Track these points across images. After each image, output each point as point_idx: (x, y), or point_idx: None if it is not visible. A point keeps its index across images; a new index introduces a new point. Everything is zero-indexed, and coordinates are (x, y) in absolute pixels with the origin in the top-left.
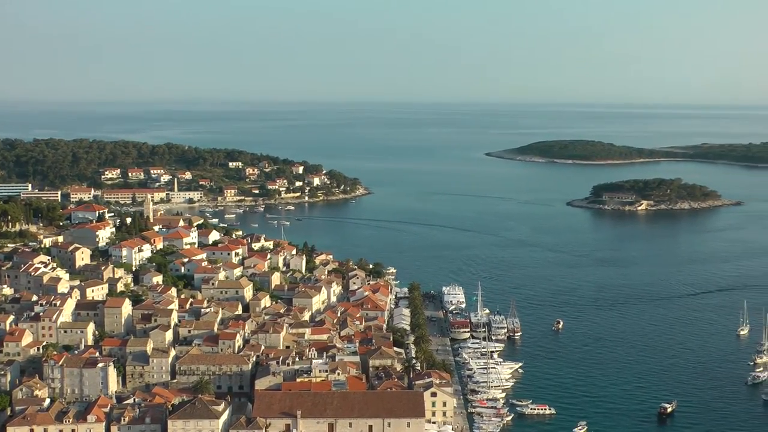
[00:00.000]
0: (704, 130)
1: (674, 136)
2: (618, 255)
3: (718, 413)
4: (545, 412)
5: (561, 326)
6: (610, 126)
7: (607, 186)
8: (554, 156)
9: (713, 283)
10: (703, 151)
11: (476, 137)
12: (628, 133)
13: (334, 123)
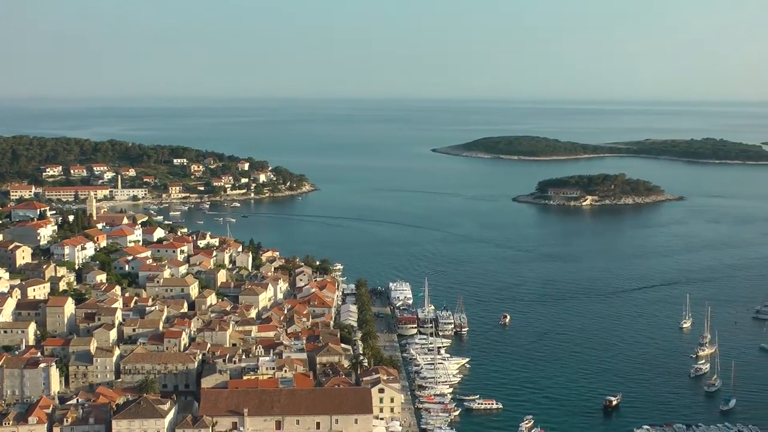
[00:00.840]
0: (648, 126)
1: (619, 131)
2: (563, 250)
3: (662, 405)
4: (492, 406)
5: (508, 320)
6: (555, 122)
7: (553, 182)
8: (500, 152)
9: (657, 278)
10: (647, 147)
11: (423, 133)
12: (574, 129)
13: (282, 120)
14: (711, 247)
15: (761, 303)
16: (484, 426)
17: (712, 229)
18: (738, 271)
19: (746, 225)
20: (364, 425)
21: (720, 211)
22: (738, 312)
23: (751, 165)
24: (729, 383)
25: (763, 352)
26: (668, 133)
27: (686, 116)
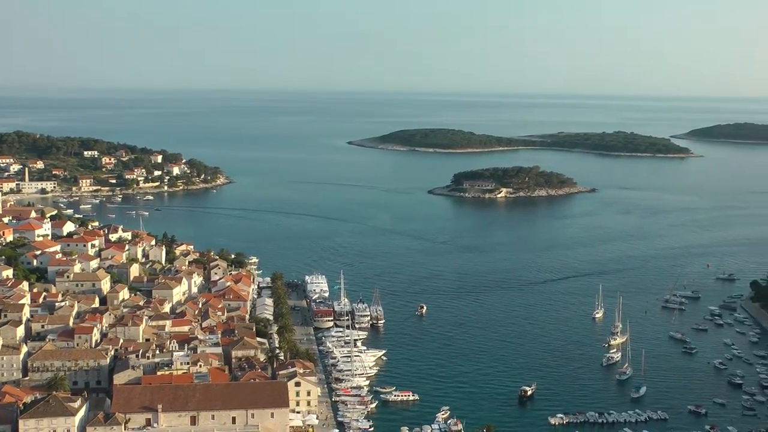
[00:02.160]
0: (561, 120)
1: (533, 124)
2: (479, 242)
3: (576, 394)
4: (409, 398)
5: (424, 311)
6: (471, 115)
7: (468, 174)
8: (416, 144)
9: (570, 269)
10: (560, 140)
11: (339, 126)
12: (489, 122)
13: (196, 111)
14: (622, 238)
15: (670, 292)
16: (400, 417)
17: (623, 220)
18: (648, 262)
19: (655, 216)
20: (281, 419)
21: (630, 203)
22: (648, 302)
23: (660, 158)
24: (639, 371)
25: (672, 340)
26: (581, 126)
27: (598, 110)
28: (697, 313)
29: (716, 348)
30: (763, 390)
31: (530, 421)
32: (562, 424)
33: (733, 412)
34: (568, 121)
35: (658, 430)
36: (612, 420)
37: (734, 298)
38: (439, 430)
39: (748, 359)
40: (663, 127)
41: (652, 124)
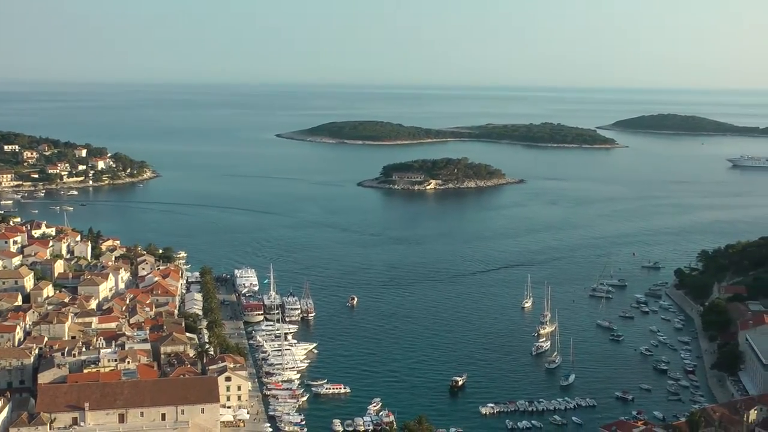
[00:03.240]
0: (489, 111)
1: (461, 116)
2: (409, 234)
3: (506, 383)
4: (340, 390)
5: (355, 302)
6: (399, 107)
7: (397, 166)
8: (345, 137)
9: (499, 259)
10: (488, 131)
11: (267, 118)
12: (417, 114)
13: (121, 105)
14: (550, 228)
15: (597, 281)
16: (332, 410)
17: (550, 211)
18: (575, 251)
19: (582, 206)
20: (211, 414)
21: (558, 194)
22: (576, 290)
23: (587, 148)
24: (568, 359)
25: (600, 328)
26: (509, 118)
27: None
28: (623, 301)
29: (642, 335)
30: (687, 375)
31: (462, 412)
32: (492, 413)
33: (658, 397)
34: (495, 112)
35: (587, 416)
36: (542, 408)
37: (659, 285)
38: (371, 422)
39: (673, 345)
40: (589, 118)
41: (578, 115)
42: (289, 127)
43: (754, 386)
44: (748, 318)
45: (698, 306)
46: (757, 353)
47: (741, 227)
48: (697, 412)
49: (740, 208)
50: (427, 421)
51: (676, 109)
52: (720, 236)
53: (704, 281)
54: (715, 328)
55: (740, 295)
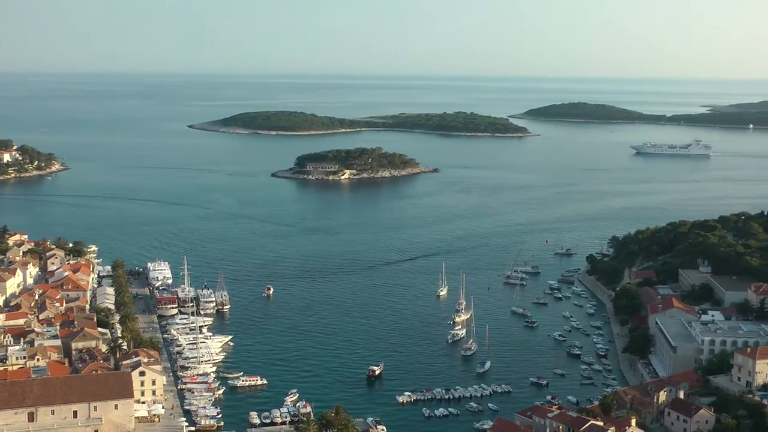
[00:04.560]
0: (402, 101)
1: (375, 106)
2: (324, 224)
3: (422, 371)
4: (257, 383)
5: (271, 293)
6: (313, 97)
7: (311, 156)
8: (258, 127)
9: (415, 248)
10: (402, 121)
11: (179, 109)
12: (331, 104)
13: (26, 95)
14: (464, 216)
15: (511, 268)
16: (248, 403)
17: (464, 199)
18: (489, 239)
19: (495, 194)
20: (125, 410)
21: (471, 182)
22: (490, 278)
23: (499, 137)
24: (484, 346)
25: (514, 315)
26: (422, 107)
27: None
28: (537, 287)
29: (556, 321)
30: (600, 359)
31: (379, 401)
32: (409, 401)
33: (572, 381)
34: (409, 102)
35: (503, 402)
36: (458, 395)
37: (572, 272)
38: (288, 413)
39: (586, 330)
40: (501, 107)
41: (491, 104)
42: (201, 117)
43: (664, 368)
44: (658, 302)
45: (610, 291)
46: (666, 336)
47: (649, 213)
48: (609, 395)
49: (648, 194)
50: (345, 411)
51: (586, 97)
52: (630, 222)
53: (615, 267)
54: (626, 313)
55: (650, 280)
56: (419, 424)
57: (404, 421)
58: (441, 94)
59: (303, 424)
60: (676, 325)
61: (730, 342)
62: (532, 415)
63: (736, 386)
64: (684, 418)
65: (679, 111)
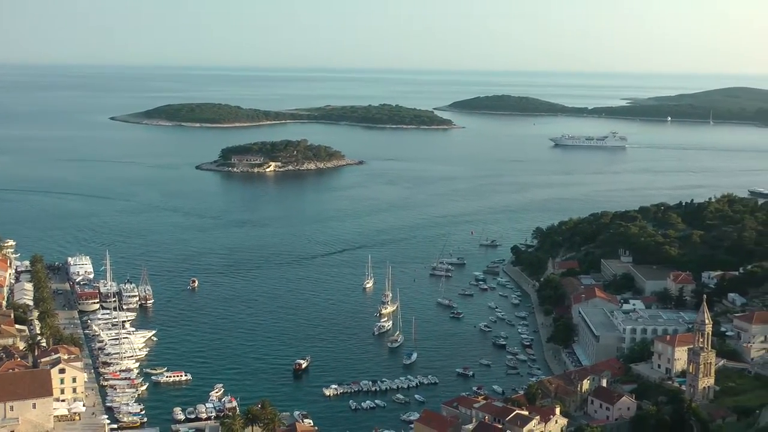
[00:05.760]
0: (327, 93)
1: (300, 98)
2: (250, 217)
3: (349, 364)
4: (181, 378)
5: (196, 285)
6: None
7: (236, 149)
8: (182, 119)
9: (341, 241)
10: (327, 113)
11: (100, 101)
12: (256, 96)
13: None
14: (390, 209)
15: (437, 260)
16: (172, 398)
17: (390, 191)
18: (415, 231)
19: (421, 186)
20: (44, 409)
21: (397, 174)
22: (416, 270)
23: (425, 129)
24: (410, 338)
25: (440, 306)
26: (347, 99)
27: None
28: (462, 278)
29: (481, 311)
30: (525, 349)
31: (305, 394)
32: (336, 394)
33: (498, 371)
34: (334, 94)
35: (429, 393)
36: (385, 387)
37: (497, 263)
38: (213, 408)
39: (511, 321)
40: (426, 99)
41: (416, 96)
42: (123, 109)
43: (587, 357)
44: (581, 292)
45: (534, 282)
46: (589, 325)
47: (572, 204)
48: (534, 385)
49: (569, 185)
50: (271, 405)
51: (511, 90)
52: (553, 213)
53: (539, 257)
54: (550, 303)
55: (573, 270)
56: (346, 416)
57: (331, 414)
58: (366, 87)
59: (228, 419)
60: (599, 314)
61: (650, 330)
62: (458, 406)
63: (656, 373)
64: (606, 405)
65: (601, 104)
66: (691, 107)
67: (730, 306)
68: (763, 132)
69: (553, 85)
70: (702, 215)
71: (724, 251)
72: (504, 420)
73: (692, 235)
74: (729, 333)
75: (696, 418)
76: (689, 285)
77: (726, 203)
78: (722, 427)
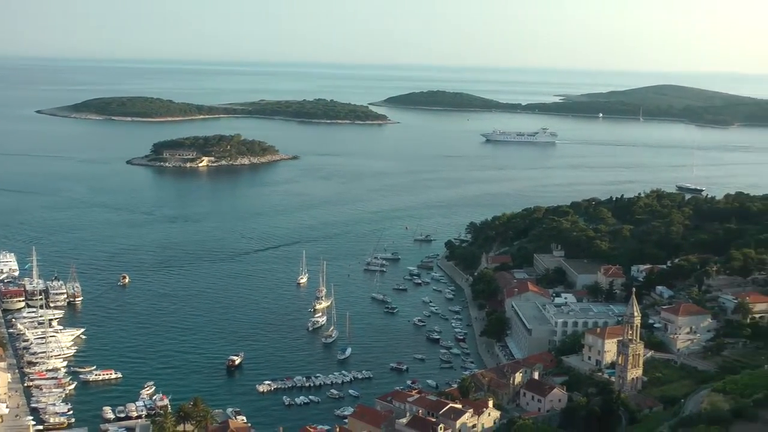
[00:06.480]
0: (262, 87)
1: (234, 92)
2: (183, 212)
3: (283, 360)
4: (111, 376)
5: (127, 281)
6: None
7: (168, 143)
8: (112, 113)
9: (275, 237)
10: (261, 108)
11: (26, 93)
12: (188, 90)
13: None
14: (324, 204)
15: (371, 255)
16: (102, 397)
17: (324, 186)
18: (350, 227)
19: (355, 182)
20: None
21: (331, 169)
22: (351, 265)
23: (359, 124)
24: (344, 333)
25: (375, 301)
26: (282, 94)
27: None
28: (397, 273)
29: (415, 306)
30: (459, 343)
31: (239, 391)
32: (270, 390)
33: (431, 365)
34: (268, 88)
35: (363, 389)
36: (319, 383)
37: (431, 257)
38: (144, 407)
39: (445, 315)
40: (362, 94)
41: (351, 91)
42: (51, 102)
43: (520, 350)
44: (514, 286)
45: (468, 276)
46: (521, 319)
47: (505, 200)
48: (467, 378)
49: (502, 181)
50: (203, 402)
51: (446, 86)
52: (487, 208)
53: (473, 252)
54: (484, 297)
55: (506, 264)
56: (280, 412)
57: (265, 411)
58: (300, 81)
59: (160, 417)
60: (531, 308)
61: (581, 323)
62: (392, 400)
63: (586, 365)
64: (538, 397)
65: (535, 100)
66: (621, 104)
67: (657, 298)
68: (689, 129)
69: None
70: (632, 210)
71: (652, 245)
72: (437, 413)
73: (622, 229)
74: (657, 325)
75: (624, 408)
76: (619, 278)
77: (655, 198)
78: (649, 416)
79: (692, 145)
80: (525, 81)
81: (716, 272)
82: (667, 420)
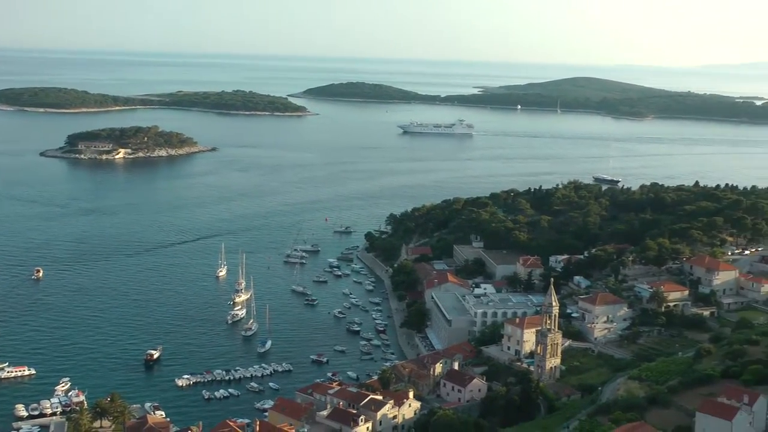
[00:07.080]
0: (180, 78)
1: (150, 83)
2: (99, 205)
3: (202, 353)
4: (24, 373)
5: (41, 275)
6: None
7: (83, 135)
8: (24, 104)
9: (194, 229)
10: (179, 99)
11: None
12: (104, 81)
13: None
14: (243, 196)
15: (291, 247)
16: (14, 395)
17: (243, 178)
18: (269, 219)
19: (275, 173)
20: None
21: (250, 161)
22: (270, 257)
23: (279, 116)
24: (264, 326)
25: (295, 293)
26: (200, 85)
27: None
28: (317, 265)
29: (336, 298)
30: (379, 334)
31: (157, 385)
32: (189, 384)
33: (352, 357)
34: (185, 79)
35: (284, 381)
36: (239, 376)
37: (351, 249)
38: (59, 403)
39: (365, 306)
40: (280, 86)
41: (270, 83)
42: None
43: (440, 341)
44: (434, 277)
45: (388, 268)
46: (441, 310)
47: (425, 191)
48: (388, 370)
49: (421, 172)
50: (121, 398)
51: (364, 77)
52: (406, 200)
53: (393, 244)
54: (404, 288)
55: (426, 256)
56: (199, 406)
57: (184, 405)
58: (218, 72)
59: (75, 414)
60: (451, 299)
61: (500, 313)
62: (312, 393)
63: (506, 355)
64: (458, 388)
65: (454, 92)
66: (539, 96)
67: (575, 288)
68: (606, 121)
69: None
70: (549, 201)
71: (570, 236)
72: (358, 405)
73: (540, 220)
74: (574, 314)
75: (543, 396)
76: (537, 269)
77: (572, 189)
78: (567, 404)
79: (608, 136)
80: (447, 73)
81: (632, 262)
82: (584, 408)
